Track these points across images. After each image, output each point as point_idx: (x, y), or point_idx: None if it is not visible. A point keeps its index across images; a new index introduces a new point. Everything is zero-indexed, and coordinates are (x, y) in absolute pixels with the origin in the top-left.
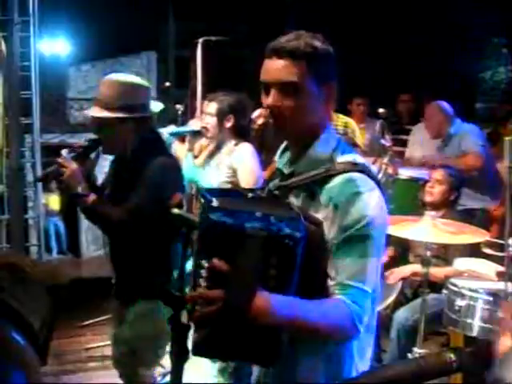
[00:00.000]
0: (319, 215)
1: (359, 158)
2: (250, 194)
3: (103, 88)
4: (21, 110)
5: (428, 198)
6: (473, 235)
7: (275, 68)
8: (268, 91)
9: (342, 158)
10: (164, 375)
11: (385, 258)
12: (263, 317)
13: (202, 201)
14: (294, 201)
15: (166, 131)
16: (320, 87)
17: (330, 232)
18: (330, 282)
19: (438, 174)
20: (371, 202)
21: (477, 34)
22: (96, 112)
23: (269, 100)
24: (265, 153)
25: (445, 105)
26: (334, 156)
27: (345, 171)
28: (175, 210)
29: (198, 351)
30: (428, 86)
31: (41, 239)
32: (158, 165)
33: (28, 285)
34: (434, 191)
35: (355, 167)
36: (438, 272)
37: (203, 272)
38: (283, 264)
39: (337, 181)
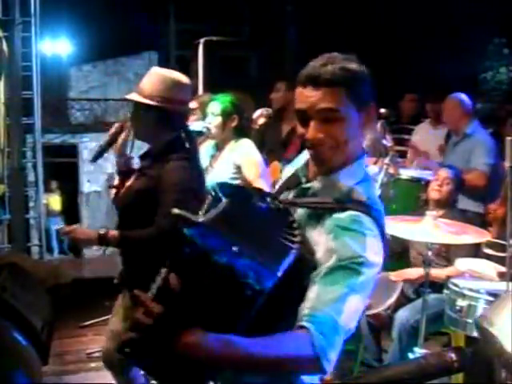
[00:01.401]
0: (321, 239)
1: (374, 195)
2: (260, 204)
3: (145, 77)
4: (22, 110)
5: (435, 196)
6: (474, 235)
7: (313, 97)
8: (305, 122)
9: (359, 195)
10: None
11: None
12: (193, 351)
13: (210, 199)
14: (300, 216)
15: None
16: (360, 112)
17: (323, 260)
18: (304, 309)
19: (446, 173)
20: (372, 247)
21: (478, 35)
22: (130, 96)
23: (309, 132)
24: (265, 152)
25: (465, 98)
26: (353, 190)
27: (355, 208)
28: (175, 210)
29: (121, 352)
30: (429, 86)
31: (42, 239)
32: (179, 174)
33: (29, 285)
34: (443, 189)
35: (367, 209)
36: (439, 273)
37: (158, 280)
38: (236, 308)
39: (345, 214)
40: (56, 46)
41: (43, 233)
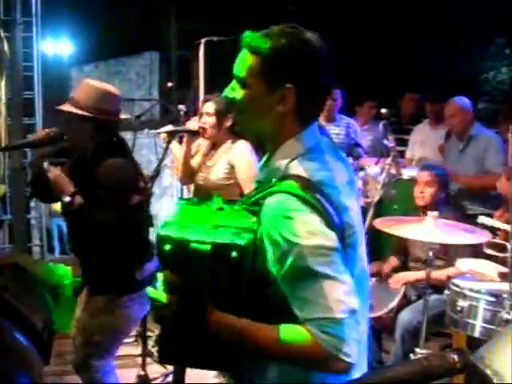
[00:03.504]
0: (262, 232)
1: (318, 171)
2: (218, 205)
3: (77, 88)
4: (23, 110)
5: (420, 202)
6: (475, 236)
7: (237, 60)
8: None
9: (294, 170)
10: (166, 376)
11: (388, 267)
12: (217, 331)
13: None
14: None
15: (163, 130)
16: (272, 90)
17: (271, 264)
18: (299, 319)
19: (425, 176)
20: (302, 229)
21: (480, 35)
22: (63, 107)
23: (225, 90)
24: (262, 152)
25: (466, 101)
26: (289, 166)
27: (281, 191)
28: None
29: (163, 357)
30: (430, 86)
31: (43, 239)
32: (111, 165)
33: (30, 285)
34: (425, 194)
35: (296, 185)
36: (440, 274)
37: (159, 284)
38: (231, 275)
39: (272, 200)
40: (57, 46)
41: (44, 233)
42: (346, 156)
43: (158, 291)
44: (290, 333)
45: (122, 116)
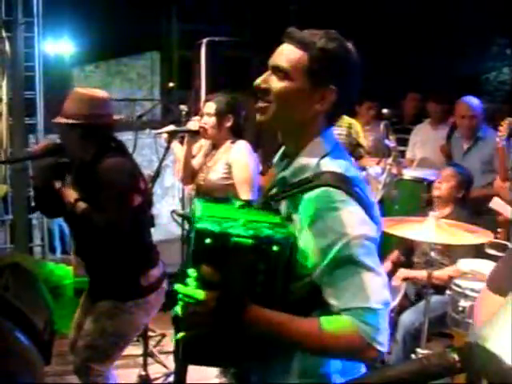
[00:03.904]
0: (298, 226)
1: (347, 166)
2: (239, 203)
3: (67, 99)
4: (24, 110)
5: (436, 193)
6: (477, 236)
7: (278, 51)
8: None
9: (327, 166)
10: (167, 376)
11: (389, 264)
12: (256, 329)
13: (193, 208)
14: (282, 207)
15: (164, 131)
16: (315, 88)
17: (312, 257)
18: (334, 309)
19: (448, 170)
20: (349, 220)
21: (481, 35)
22: (56, 119)
23: (257, 80)
24: (261, 151)
25: (476, 102)
26: (320, 165)
27: (323, 184)
28: (179, 211)
29: (186, 356)
30: (432, 86)
31: (45, 239)
32: (110, 165)
33: (31, 285)
34: (443, 186)
35: (338, 178)
36: (441, 274)
37: (189, 281)
38: (269, 269)
39: (314, 193)
40: (58, 46)
41: (46, 233)
42: None
43: (189, 288)
44: (329, 323)
45: (115, 117)
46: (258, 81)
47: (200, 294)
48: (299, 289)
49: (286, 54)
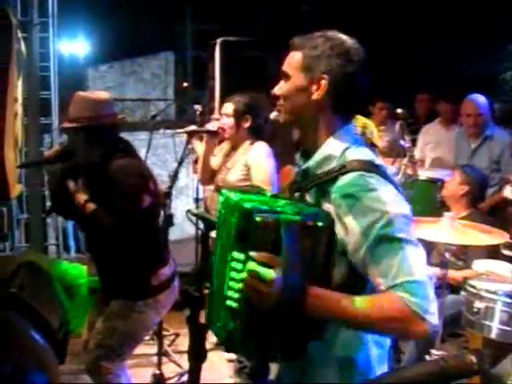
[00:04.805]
0: (333, 212)
1: (372, 156)
2: (270, 193)
3: (70, 104)
4: (40, 109)
5: (443, 192)
6: (491, 237)
7: (286, 60)
8: None
9: (353, 156)
10: (181, 375)
11: None
12: (315, 308)
13: (222, 199)
14: (309, 199)
15: (183, 131)
16: (310, 81)
17: (341, 231)
18: (381, 287)
19: (458, 174)
20: (387, 198)
21: (497, 35)
22: (62, 124)
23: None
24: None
25: (482, 100)
26: (346, 154)
27: (355, 169)
28: (193, 210)
29: (230, 343)
30: (447, 86)
31: (59, 238)
32: (119, 166)
33: (46, 284)
34: (449, 186)
35: (367, 165)
36: (456, 274)
37: (236, 264)
38: (315, 247)
39: (347, 178)
40: (73, 46)
41: (60, 232)
42: None
43: (257, 267)
44: (381, 299)
45: (119, 117)
46: (274, 89)
47: (269, 274)
48: (336, 275)
49: (289, 59)
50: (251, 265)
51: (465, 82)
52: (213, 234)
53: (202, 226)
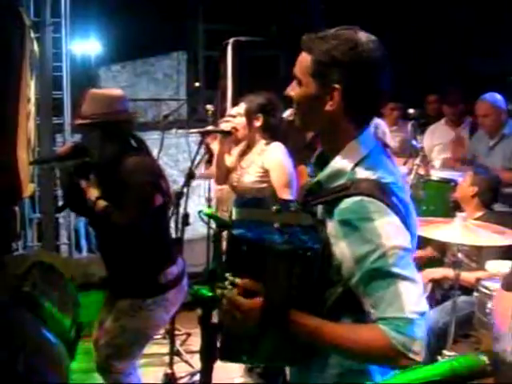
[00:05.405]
0: (332, 232)
1: (385, 168)
2: (276, 207)
3: (83, 101)
4: (52, 109)
5: (455, 193)
6: (505, 237)
7: (297, 60)
8: None
9: (362, 173)
10: (193, 375)
11: (423, 255)
12: (298, 333)
13: (232, 211)
14: (318, 213)
15: (196, 131)
16: (322, 89)
17: (346, 267)
18: (372, 317)
19: (468, 175)
20: (384, 231)
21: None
22: (74, 121)
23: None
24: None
25: (499, 98)
26: (355, 172)
27: (357, 193)
28: (206, 210)
29: (225, 355)
30: (460, 87)
31: (71, 238)
32: (132, 163)
33: (58, 283)
34: (459, 187)
35: (372, 187)
36: (469, 276)
37: (227, 284)
38: (304, 274)
39: (349, 202)
40: (85, 46)
41: (72, 231)
42: None
43: (233, 295)
44: (364, 331)
45: (133, 114)
46: (287, 90)
47: (244, 304)
48: (332, 295)
49: (299, 61)
50: (232, 292)
51: (477, 82)
52: (224, 233)
53: (213, 225)
